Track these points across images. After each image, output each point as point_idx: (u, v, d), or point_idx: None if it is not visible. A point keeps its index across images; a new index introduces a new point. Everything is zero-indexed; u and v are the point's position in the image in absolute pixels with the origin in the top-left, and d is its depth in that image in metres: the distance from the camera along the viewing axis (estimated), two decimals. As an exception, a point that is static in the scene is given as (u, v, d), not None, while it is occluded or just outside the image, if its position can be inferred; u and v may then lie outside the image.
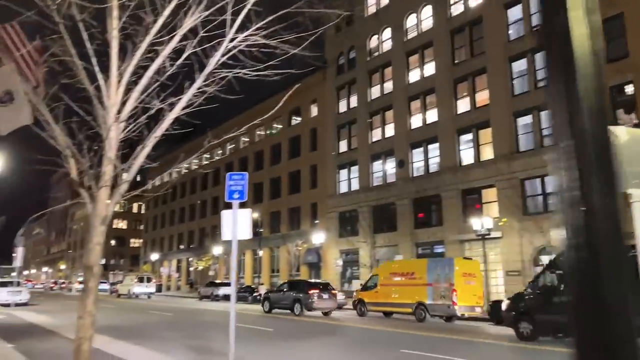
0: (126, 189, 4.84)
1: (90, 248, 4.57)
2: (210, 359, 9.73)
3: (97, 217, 4.56)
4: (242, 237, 7.01)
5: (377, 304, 22.60)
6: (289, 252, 39.68)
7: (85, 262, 4.57)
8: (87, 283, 4.54)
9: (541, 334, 13.87)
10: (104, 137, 4.51)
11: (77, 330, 4.59)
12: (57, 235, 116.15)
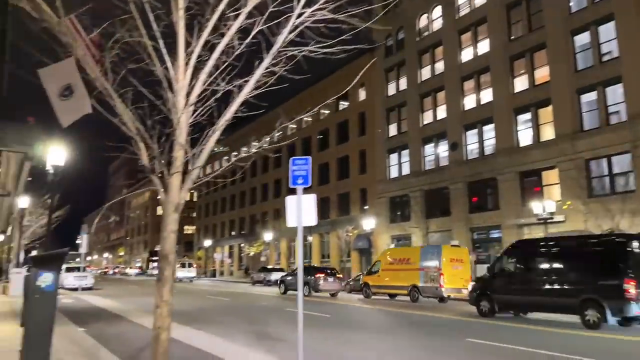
0: (198, 174, 4.70)
1: (165, 236, 4.48)
2: (273, 345, 9.69)
3: (170, 204, 4.45)
4: (307, 224, 6.80)
5: (379, 287, 24.99)
6: (339, 238, 39.55)
7: (161, 250, 4.49)
8: (163, 271, 4.45)
9: (498, 311, 15.91)
10: (174, 122, 4.37)
11: (155, 319, 4.52)
12: (116, 223, 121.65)
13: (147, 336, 10.25)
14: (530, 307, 15.58)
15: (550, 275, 14.84)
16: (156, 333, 4.44)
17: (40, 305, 4.68)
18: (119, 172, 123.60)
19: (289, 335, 11.14)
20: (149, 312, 15.69)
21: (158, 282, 4.51)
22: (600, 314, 12.99)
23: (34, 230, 36.51)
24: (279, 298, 25.10)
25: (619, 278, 12.91)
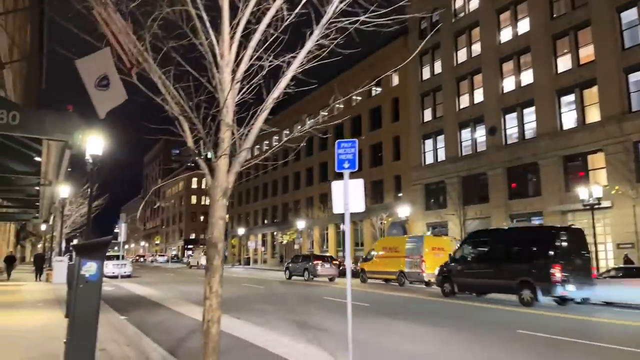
0: (246, 157, 4.40)
1: (213, 222, 4.20)
2: (314, 335, 9.43)
3: (217, 189, 4.17)
4: (355, 210, 6.45)
5: (373, 272, 27.58)
6: (373, 226, 39.12)
7: (209, 238, 4.22)
8: (212, 260, 4.18)
9: (457, 292, 18.62)
10: (220, 101, 4.07)
11: (205, 312, 4.27)
12: (151, 212, 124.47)
13: (187, 325, 10.24)
14: (480, 288, 18.17)
15: (496, 261, 17.42)
16: (206, 327, 4.19)
17: (85, 295, 4.50)
18: (153, 162, 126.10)
19: (330, 325, 10.90)
20: (187, 300, 15.86)
21: (206, 271, 4.24)
22: (533, 294, 15.54)
23: (74, 219, 37.50)
24: (317, 286, 24.95)
25: (548, 263, 15.51)
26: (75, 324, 4.45)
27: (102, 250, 4.68)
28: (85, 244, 4.69)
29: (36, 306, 12.96)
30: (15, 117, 8.26)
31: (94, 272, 4.54)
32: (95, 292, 4.57)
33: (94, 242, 4.75)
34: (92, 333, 4.58)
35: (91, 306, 4.58)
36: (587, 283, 15.76)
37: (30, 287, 20.44)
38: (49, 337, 8.09)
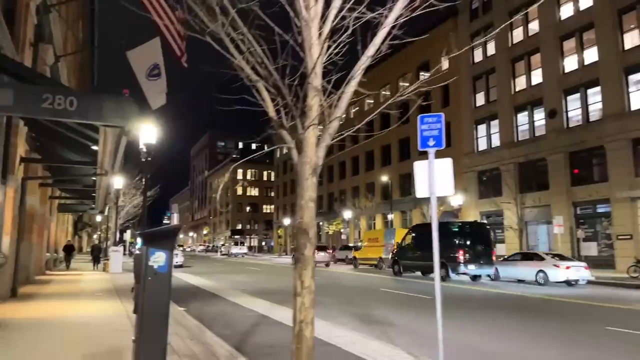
0: (337, 128, 3.77)
1: (302, 205, 3.61)
2: (382, 329, 8.79)
3: (306, 165, 3.58)
4: (442, 193, 5.72)
5: (362, 259, 34.01)
6: (423, 215, 37.97)
7: (298, 223, 3.63)
8: (302, 250, 3.59)
9: (403, 272, 24.60)
10: (307, 62, 3.46)
11: (295, 311, 3.69)
12: (199, 203, 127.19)
13: (248, 318, 9.83)
14: (416, 268, 23.99)
15: (426, 248, 20.07)
16: (298, 329, 3.60)
17: (154, 288, 4.03)
18: (200, 154, 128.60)
19: (395, 318, 10.24)
20: (242, 291, 15.60)
21: (295, 263, 3.66)
22: (446, 272, 20.94)
23: (127, 210, 38.39)
24: (367, 277, 24.36)
25: (456, 249, 21.16)
26: (144, 320, 3.98)
27: (172, 238, 4.19)
28: (154, 231, 4.21)
29: (95, 296, 12.97)
30: (72, 102, 7.98)
31: (163, 262, 4.05)
32: (165, 284, 4.09)
33: (163, 229, 4.27)
34: (163, 330, 4.10)
35: (161, 300, 4.10)
36: (486, 264, 21.43)
37: (88, 276, 20.83)
38: (111, 328, 7.83)
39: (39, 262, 19.35)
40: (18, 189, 12.41)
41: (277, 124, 3.77)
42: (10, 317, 8.98)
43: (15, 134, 12.02)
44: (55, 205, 24.22)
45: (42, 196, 18.60)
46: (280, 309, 11.00)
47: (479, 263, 21.23)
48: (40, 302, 11.46)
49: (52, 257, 25.16)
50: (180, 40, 16.61)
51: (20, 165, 12.58)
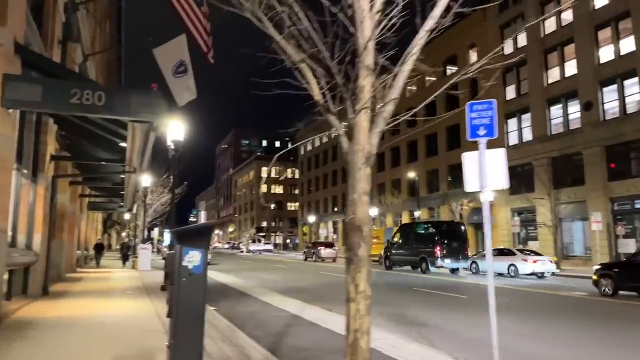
0: (392, 111, 3.39)
1: (354, 199, 3.23)
2: (421, 332, 8.37)
3: (358, 154, 3.21)
4: (496, 187, 5.27)
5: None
6: (452, 212, 37.16)
7: (350, 220, 3.25)
8: (356, 250, 3.21)
9: (393, 266, 28.09)
10: (357, 38, 3.09)
11: (349, 318, 3.32)
12: (224, 201, 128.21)
13: (280, 318, 9.51)
14: (403, 263, 27.63)
15: (411, 244, 27.09)
16: (353, 338, 3.23)
17: (189, 290, 3.73)
18: (225, 152, 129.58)
19: (433, 320, 9.81)
20: (271, 289, 15.35)
21: (348, 265, 3.28)
22: (426, 265, 24.88)
23: (155, 208, 38.69)
24: (398, 275, 23.91)
25: (434, 245, 24.91)
26: (179, 324, 3.68)
27: (207, 236, 3.88)
28: (188, 229, 3.90)
29: (125, 294, 12.89)
30: (101, 97, 7.80)
31: (197, 262, 3.74)
32: (200, 286, 3.78)
33: (197, 226, 3.95)
34: (199, 335, 3.80)
35: (196, 303, 3.79)
36: (461, 259, 25.04)
37: (118, 274, 20.94)
38: (141, 329, 7.63)
39: (70, 260, 19.51)
40: (48, 187, 12.40)
41: (323, 109, 3.41)
42: (42, 316, 8.89)
43: (45, 132, 12.00)
44: (85, 204, 24.46)
45: (72, 194, 18.72)
46: (311, 309, 10.68)
47: (454, 258, 24.91)
48: (71, 300, 11.41)
49: (83, 255, 25.45)
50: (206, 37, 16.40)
51: (51, 163, 12.57)
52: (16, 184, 10.06)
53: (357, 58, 3.16)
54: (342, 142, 3.36)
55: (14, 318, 8.53)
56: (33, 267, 11.39)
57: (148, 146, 10.79)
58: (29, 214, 11.39)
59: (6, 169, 7.90)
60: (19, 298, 10.62)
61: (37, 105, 7.62)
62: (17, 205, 10.19)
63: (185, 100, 15.40)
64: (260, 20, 3.38)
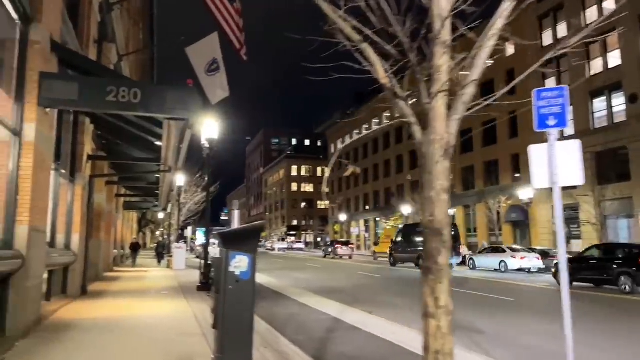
0: (473, 94, 2.97)
1: (432, 198, 2.82)
2: (469, 337, 7.85)
3: (434, 144, 2.80)
4: (569, 182, 4.76)
5: (380, 253, 40.05)
6: (489, 210, 36.08)
7: (428, 223, 2.84)
8: (435, 257, 2.78)
9: (397, 263, 30.92)
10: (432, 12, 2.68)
11: (428, 337, 2.92)
12: (255, 200, 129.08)
13: (320, 321, 9.11)
14: (404, 260, 30.19)
15: (410, 244, 29.76)
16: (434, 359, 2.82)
17: (236, 298, 3.39)
18: (255, 151, 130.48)
19: (479, 324, 9.26)
20: (307, 289, 15.03)
21: (427, 275, 2.85)
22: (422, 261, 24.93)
23: (189, 207, 39.02)
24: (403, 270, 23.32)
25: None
26: (226, 337, 3.35)
27: (255, 238, 3.54)
28: (235, 231, 3.58)
29: (161, 294, 12.79)
30: (137, 94, 7.61)
31: (245, 268, 3.40)
32: (248, 294, 3.44)
33: (245, 228, 3.62)
34: (247, 348, 3.46)
35: (244, 313, 3.45)
36: (454, 255, 26.25)
37: (154, 273, 21.04)
38: (179, 331, 7.39)
39: (108, 259, 19.70)
40: (86, 186, 12.40)
41: (390, 93, 3.02)
42: (80, 317, 8.79)
43: (82, 132, 11.99)
44: (120, 203, 24.75)
45: (109, 194, 18.87)
46: (352, 312, 10.29)
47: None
48: (109, 300, 11.35)
49: (120, 254, 25.78)
50: (239, 33, 16.11)
51: (88, 163, 12.58)
52: (55, 184, 10.03)
53: (432, 33, 2.75)
54: (414, 132, 2.95)
55: (52, 319, 8.45)
56: (72, 267, 11.38)
57: (184, 144, 10.60)
58: (68, 214, 11.40)
59: (45, 168, 7.80)
60: (59, 298, 10.61)
61: (74, 103, 7.48)
62: (55, 205, 10.17)
63: (218, 98, 15.24)
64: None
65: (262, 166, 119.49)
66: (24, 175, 7.05)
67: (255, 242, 3.49)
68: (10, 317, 6.70)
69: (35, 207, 7.27)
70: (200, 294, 12.63)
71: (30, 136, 7.15)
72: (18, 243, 6.93)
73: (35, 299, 7.49)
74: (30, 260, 7.03)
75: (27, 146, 7.11)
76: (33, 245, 7.18)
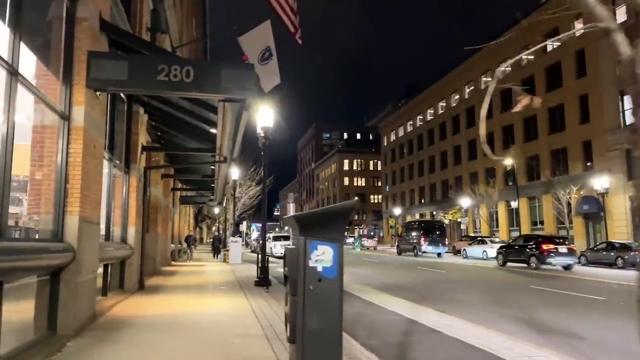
0: None
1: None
2: (564, 342, 6.67)
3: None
4: None
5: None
6: (559, 201, 33.64)
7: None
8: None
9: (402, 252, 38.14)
10: None
11: None
12: (307, 194, 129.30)
13: (391, 323, 8.04)
14: (406, 251, 37.35)
15: (410, 237, 37.42)
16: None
17: (319, 302, 2.53)
18: (306, 146, 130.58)
19: (568, 325, 8.02)
20: (369, 286, 14.13)
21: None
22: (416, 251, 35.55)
23: (243, 201, 39.02)
24: (504, 271, 21.73)
25: (420, 237, 35.47)
26: (306, 353, 2.48)
27: (342, 223, 2.67)
28: (317, 213, 2.70)
29: (219, 289, 12.30)
30: (189, 72, 6.96)
31: (330, 261, 2.55)
32: (333, 297, 2.57)
33: (331, 209, 2.76)
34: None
35: (329, 321, 2.59)
36: (440, 246, 35.03)
37: (210, 267, 20.81)
38: (240, 331, 6.69)
39: (165, 253, 19.63)
40: (141, 178, 12.06)
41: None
42: (136, 313, 8.33)
43: (137, 121, 11.62)
44: (177, 198, 24.79)
45: (165, 187, 18.73)
46: (425, 311, 9.28)
47: (434, 245, 34.81)
48: (166, 295, 10.94)
49: (177, 248, 25.88)
50: (293, 17, 15.23)
51: (142, 154, 12.23)
52: (109, 175, 9.65)
53: None
54: (617, 44, 2.00)
55: (108, 316, 8.02)
56: (129, 261, 11.04)
57: (239, 130, 9.94)
58: (123, 207, 11.05)
59: (96, 156, 7.31)
60: (116, 293, 10.27)
61: (124, 84, 6.92)
62: (110, 197, 9.80)
63: (270, 86, 14.59)
64: None
65: (314, 161, 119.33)
66: (73, 162, 6.56)
67: (342, 228, 2.64)
68: (62, 314, 6.22)
69: (86, 196, 6.78)
70: (258, 290, 12.02)
71: (79, 120, 6.65)
72: (68, 235, 6.46)
73: (88, 294, 7.02)
74: (81, 253, 6.54)
75: (75, 131, 6.62)
76: (84, 237, 6.69)
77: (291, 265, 2.68)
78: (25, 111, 6.41)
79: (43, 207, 6.42)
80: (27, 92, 5.76)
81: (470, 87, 51.16)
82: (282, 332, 6.89)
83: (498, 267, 24.11)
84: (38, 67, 6.49)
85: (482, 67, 47.24)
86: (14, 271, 5.19)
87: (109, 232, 9.62)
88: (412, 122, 66.61)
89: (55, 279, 6.25)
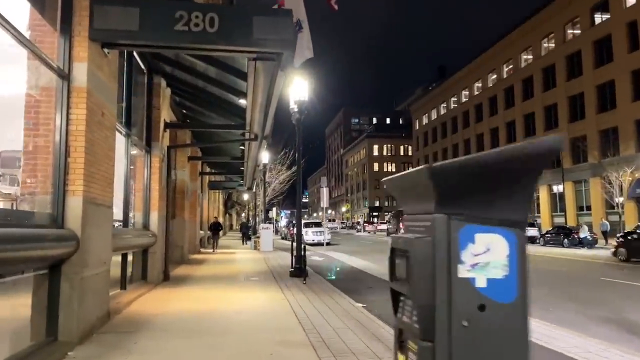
0: None
1: None
2: None
3: None
4: None
5: None
6: (610, 184, 31.22)
7: None
8: None
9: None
10: None
11: None
12: (336, 181, 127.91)
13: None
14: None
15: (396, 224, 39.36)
16: None
17: (481, 354, 1.16)
18: (334, 133, 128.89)
19: None
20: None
21: None
22: None
23: (273, 186, 37.94)
24: (559, 261, 19.96)
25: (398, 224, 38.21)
26: None
27: (528, 189, 1.30)
28: (478, 161, 1.30)
29: (251, 280, 11.14)
30: (213, 20, 5.63)
31: (501, 268, 1.15)
32: (512, 343, 1.17)
33: (513, 152, 1.40)
34: None
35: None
36: None
37: (240, 255, 19.77)
38: (279, 336, 5.44)
39: (193, 241, 18.65)
40: (164, 158, 10.92)
41: None
42: (158, 311, 7.20)
43: (158, 94, 10.44)
44: (205, 182, 23.78)
45: (192, 171, 17.66)
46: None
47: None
48: (193, 287, 9.82)
49: (206, 235, 24.95)
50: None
51: (165, 132, 11.07)
52: (126, 153, 8.49)
53: None
54: None
55: (125, 313, 6.90)
56: (151, 250, 9.96)
57: (272, 101, 8.62)
58: (144, 190, 9.94)
59: (105, 126, 6.10)
60: (137, 285, 9.20)
61: (134, 35, 5.64)
62: (129, 178, 8.65)
63: (301, 60, 13.22)
64: None
65: (342, 147, 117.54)
66: (75, 132, 5.36)
67: (527, 198, 1.28)
68: (64, 316, 5.08)
69: (92, 173, 5.59)
70: (294, 281, 10.79)
71: (81, 80, 5.43)
72: (70, 220, 5.28)
73: (98, 291, 5.87)
74: (87, 241, 5.37)
75: (77, 92, 5.41)
76: (91, 223, 5.51)
77: (414, 274, 1.32)
78: (16, 69, 5.26)
79: (39, 185, 5.26)
80: (17, 43, 4.58)
81: (509, 66, 48.49)
82: (329, 337, 5.60)
83: (617, 262, 18.25)
84: (31, 15, 5.30)
85: (522, 44, 44.60)
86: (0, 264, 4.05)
87: (127, 218, 8.49)
88: (446, 105, 64.17)
89: (54, 273, 5.10)
